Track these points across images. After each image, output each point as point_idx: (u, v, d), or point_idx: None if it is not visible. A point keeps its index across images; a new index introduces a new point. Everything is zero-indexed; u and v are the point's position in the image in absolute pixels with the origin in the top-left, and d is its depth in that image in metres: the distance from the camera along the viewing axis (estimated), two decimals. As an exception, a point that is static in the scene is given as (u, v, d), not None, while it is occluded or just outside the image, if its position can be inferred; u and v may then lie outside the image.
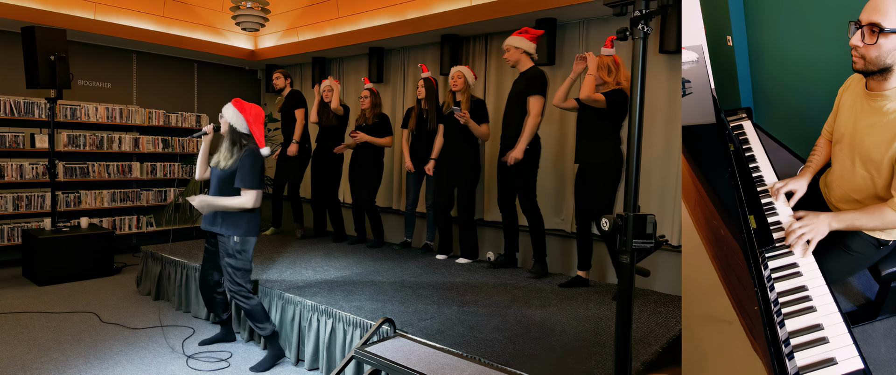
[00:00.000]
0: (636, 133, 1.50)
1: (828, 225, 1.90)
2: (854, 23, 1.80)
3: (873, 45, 1.74)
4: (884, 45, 1.73)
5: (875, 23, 1.72)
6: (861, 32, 1.77)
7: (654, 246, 1.50)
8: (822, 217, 1.91)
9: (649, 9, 1.47)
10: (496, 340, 2.46)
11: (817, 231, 1.89)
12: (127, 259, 5.35)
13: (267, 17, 5.00)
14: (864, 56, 1.79)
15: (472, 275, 3.65)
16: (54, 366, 2.82)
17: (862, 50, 1.78)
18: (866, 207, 1.91)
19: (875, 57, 1.76)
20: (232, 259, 2.83)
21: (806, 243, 1.88)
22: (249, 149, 2.81)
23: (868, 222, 1.88)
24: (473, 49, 4.80)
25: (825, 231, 1.89)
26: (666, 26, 3.60)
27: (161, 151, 5.95)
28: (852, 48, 1.82)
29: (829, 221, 1.90)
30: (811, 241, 1.88)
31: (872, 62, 1.78)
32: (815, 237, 1.88)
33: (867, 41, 1.75)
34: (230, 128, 2.84)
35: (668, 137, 3.73)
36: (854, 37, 1.79)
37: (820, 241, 1.90)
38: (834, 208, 2.18)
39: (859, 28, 1.77)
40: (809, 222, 1.91)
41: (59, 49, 4.37)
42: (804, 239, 1.88)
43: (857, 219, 1.89)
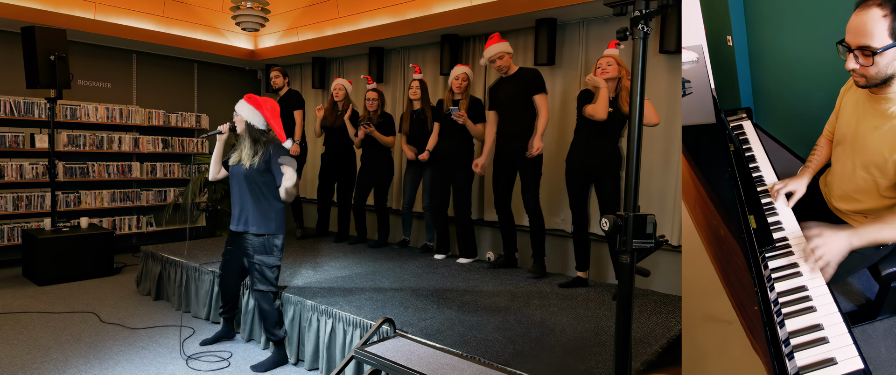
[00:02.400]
0: (636, 133, 1.50)
1: (848, 244, 1.70)
2: (841, 44, 1.78)
3: (870, 65, 1.73)
4: (879, 62, 1.72)
5: (865, 46, 1.71)
6: (853, 56, 1.76)
7: (654, 246, 1.50)
8: (841, 235, 1.71)
9: (649, 9, 1.47)
10: (496, 340, 2.46)
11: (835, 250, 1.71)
12: (127, 259, 5.35)
13: (267, 17, 5.00)
14: (865, 75, 1.78)
15: (472, 275, 3.65)
16: (54, 366, 2.82)
17: (860, 71, 1.78)
18: (883, 219, 1.78)
19: (875, 74, 1.76)
20: (265, 256, 2.84)
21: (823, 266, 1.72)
22: (275, 144, 2.83)
23: (890, 234, 1.74)
24: (473, 49, 4.80)
25: (844, 251, 1.71)
26: (666, 26, 3.60)
27: (161, 151, 5.95)
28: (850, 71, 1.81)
29: (850, 240, 1.70)
30: (829, 265, 1.71)
31: (874, 78, 1.78)
32: (834, 259, 1.71)
33: (863, 63, 1.75)
34: (248, 126, 2.83)
35: (668, 137, 3.73)
36: (849, 62, 1.78)
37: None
38: (834, 208, 2.19)
39: (850, 51, 1.76)
40: (826, 241, 1.71)
41: (59, 49, 4.37)
42: (821, 263, 1.71)
43: (880, 233, 1.72)
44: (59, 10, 4.84)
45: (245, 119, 2.83)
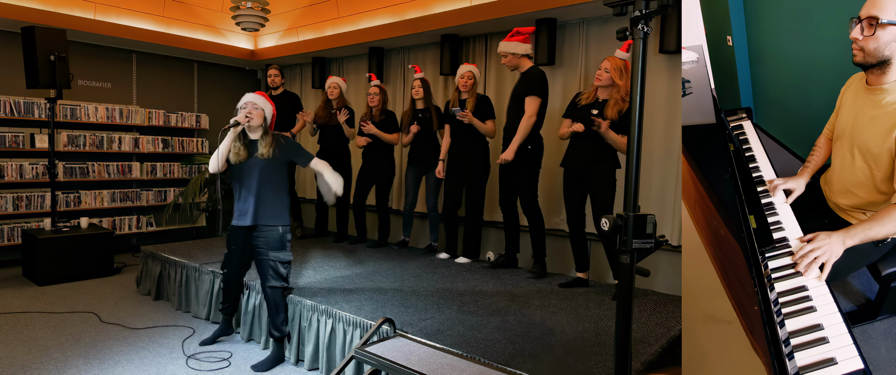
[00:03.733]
0: (636, 133, 1.50)
1: (842, 243, 1.77)
2: (854, 19, 1.86)
3: (871, 36, 1.80)
4: (881, 36, 1.79)
5: (873, 16, 1.79)
6: (860, 26, 1.83)
7: (654, 246, 1.50)
8: (835, 237, 1.78)
9: (649, 9, 1.47)
10: (496, 340, 2.46)
11: (832, 252, 1.76)
12: (127, 259, 5.35)
13: (267, 17, 5.00)
14: (863, 48, 1.84)
15: (473, 275, 3.65)
16: (54, 366, 2.82)
17: (861, 42, 1.84)
18: (875, 214, 1.84)
19: (874, 48, 1.82)
20: (280, 252, 2.87)
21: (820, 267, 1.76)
22: (278, 136, 2.95)
23: (880, 230, 1.78)
24: (473, 49, 4.80)
25: (840, 251, 1.76)
26: (666, 26, 3.60)
27: (161, 151, 5.94)
28: (852, 42, 1.87)
29: (843, 239, 1.77)
30: (826, 265, 1.76)
31: (871, 54, 1.83)
32: (830, 259, 1.76)
33: (865, 33, 1.81)
34: (265, 119, 2.91)
35: (668, 137, 3.73)
36: (854, 30, 1.85)
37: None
38: (834, 204, 2.19)
39: (859, 22, 1.83)
40: (822, 243, 1.78)
41: (59, 49, 4.37)
42: (818, 262, 1.76)
43: (871, 229, 1.78)
44: (59, 10, 4.84)
45: (264, 112, 2.90)
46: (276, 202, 2.89)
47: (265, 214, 2.87)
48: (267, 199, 2.87)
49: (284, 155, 2.91)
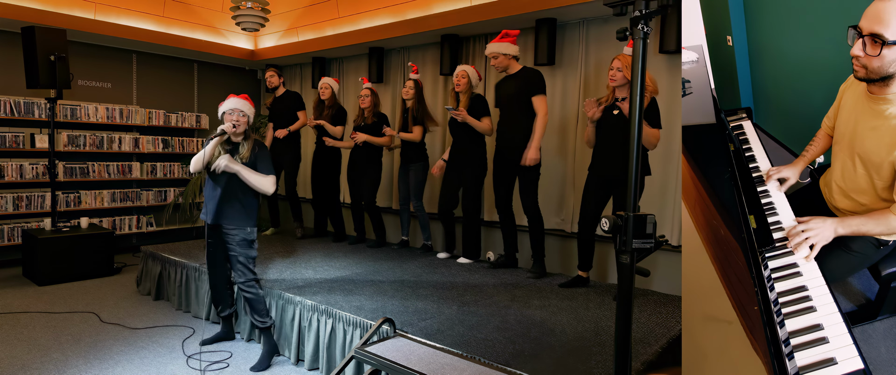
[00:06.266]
0: (636, 133, 1.49)
1: (834, 230, 1.84)
2: (853, 28, 1.74)
3: (876, 56, 1.69)
4: (887, 56, 1.69)
5: (877, 34, 1.67)
6: (863, 42, 1.71)
7: (654, 246, 1.50)
8: (828, 222, 1.86)
9: (649, 9, 1.47)
10: (496, 340, 2.46)
11: (822, 236, 1.85)
12: (127, 259, 5.36)
13: (267, 17, 5.00)
14: (867, 66, 1.74)
15: (473, 275, 3.65)
16: (54, 366, 2.82)
17: (864, 60, 1.74)
18: (871, 213, 1.88)
19: (878, 67, 1.72)
20: (246, 249, 2.93)
21: (809, 247, 1.84)
22: (257, 141, 3.00)
23: (873, 228, 1.85)
24: (473, 49, 4.80)
25: (830, 236, 1.85)
26: (666, 26, 3.60)
27: (161, 151, 5.95)
28: (853, 57, 1.77)
29: (835, 227, 1.85)
30: (815, 246, 1.84)
31: (875, 72, 1.74)
32: (820, 242, 1.84)
33: (870, 52, 1.70)
34: (249, 124, 2.98)
35: (668, 137, 3.73)
36: (855, 47, 1.74)
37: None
38: (834, 208, 2.19)
39: (860, 36, 1.72)
40: (815, 226, 1.86)
41: (59, 49, 4.37)
42: (808, 242, 1.84)
43: (863, 225, 1.85)
44: (59, 10, 4.84)
45: (249, 117, 2.97)
46: (237, 205, 2.93)
47: (227, 216, 2.92)
48: (230, 202, 2.91)
49: (254, 160, 2.95)
